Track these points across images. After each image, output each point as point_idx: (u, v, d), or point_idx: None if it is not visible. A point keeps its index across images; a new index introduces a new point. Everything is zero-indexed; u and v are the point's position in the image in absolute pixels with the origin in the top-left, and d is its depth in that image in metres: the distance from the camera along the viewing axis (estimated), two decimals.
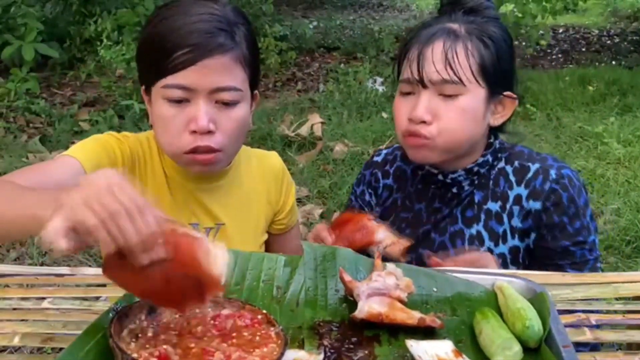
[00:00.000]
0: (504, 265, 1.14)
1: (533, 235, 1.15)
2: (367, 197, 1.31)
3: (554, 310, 0.80)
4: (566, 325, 0.82)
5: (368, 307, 0.81)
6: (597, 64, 5.71)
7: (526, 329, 0.76)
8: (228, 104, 1.05)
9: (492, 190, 1.18)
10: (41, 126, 4.05)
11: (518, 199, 1.16)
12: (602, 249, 2.68)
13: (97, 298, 0.96)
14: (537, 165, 1.16)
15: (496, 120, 1.17)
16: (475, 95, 1.12)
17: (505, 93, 1.16)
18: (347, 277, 0.87)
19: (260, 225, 1.23)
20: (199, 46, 1.01)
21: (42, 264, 2.50)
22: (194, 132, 1.03)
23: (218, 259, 0.70)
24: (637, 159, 3.58)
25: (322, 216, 2.85)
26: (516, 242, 1.16)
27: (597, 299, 0.94)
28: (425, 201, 1.22)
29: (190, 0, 1.07)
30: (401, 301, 0.83)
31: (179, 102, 1.03)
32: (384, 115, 4.31)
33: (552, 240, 1.13)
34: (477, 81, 1.12)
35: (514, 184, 1.16)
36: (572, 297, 0.93)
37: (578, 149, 3.72)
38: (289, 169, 1.33)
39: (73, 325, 0.85)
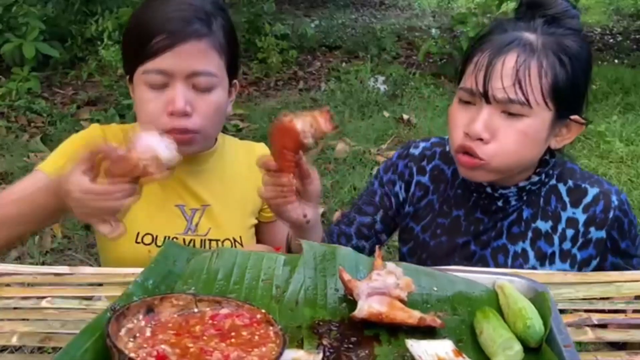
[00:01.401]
0: None
1: (593, 265, 1.12)
2: (396, 188, 1.23)
3: (555, 310, 0.80)
4: (568, 325, 0.82)
5: (368, 306, 0.80)
6: (599, 62, 5.69)
7: (527, 329, 0.76)
8: (204, 89, 1.11)
9: (542, 208, 1.12)
10: (42, 125, 4.05)
11: (573, 222, 1.11)
12: None
13: (96, 297, 0.96)
14: (596, 190, 1.11)
15: (558, 144, 1.09)
16: (540, 118, 1.03)
17: (572, 117, 1.07)
18: (347, 277, 0.86)
19: (246, 208, 1.26)
20: (175, 32, 1.08)
21: (42, 263, 2.50)
22: (172, 114, 1.09)
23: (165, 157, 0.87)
24: (639, 158, 3.57)
25: (323, 215, 2.84)
26: (566, 267, 1.11)
27: (599, 298, 0.93)
28: (465, 209, 1.16)
29: None
30: (401, 300, 0.82)
31: (157, 87, 1.09)
32: (386, 114, 4.30)
33: (624, 261, 1.12)
34: (545, 103, 1.02)
35: (568, 205, 1.12)
36: (573, 296, 0.92)
37: (580, 148, 3.71)
38: None
39: (71, 324, 0.84)
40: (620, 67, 5.51)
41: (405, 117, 4.24)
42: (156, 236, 1.18)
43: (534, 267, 1.11)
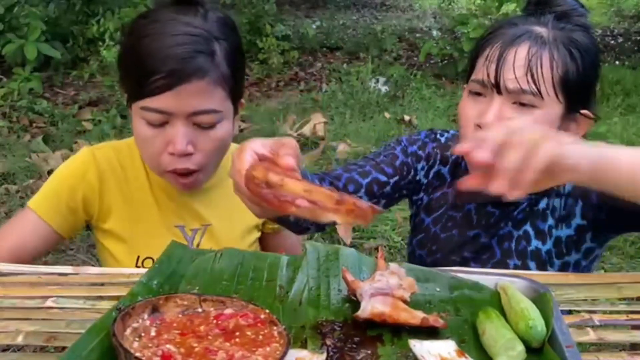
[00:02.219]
0: (549, 265, 1.11)
1: (579, 209, 1.10)
2: (419, 165, 1.20)
3: (558, 310, 0.80)
4: (569, 326, 0.82)
5: (371, 306, 0.81)
6: (601, 63, 5.69)
7: (529, 329, 0.76)
8: (207, 126, 1.05)
9: (557, 192, 1.13)
10: (44, 126, 4.05)
11: (557, 192, 1.12)
12: (606, 249, 2.67)
13: (101, 297, 0.96)
14: None
15: None
16: (550, 110, 1.04)
17: (582, 111, 1.08)
18: (350, 277, 0.87)
19: (249, 223, 1.23)
20: (175, 72, 1.00)
21: (44, 263, 2.50)
22: (173, 154, 1.04)
23: None
24: None
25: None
26: (559, 231, 1.11)
27: (601, 299, 0.94)
28: (477, 202, 1.16)
29: (169, 15, 1.04)
30: (404, 301, 0.83)
31: (157, 124, 1.04)
32: (387, 115, 4.31)
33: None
34: (556, 95, 1.03)
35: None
36: (575, 297, 0.93)
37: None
38: None
39: (76, 324, 0.85)
40: (622, 69, 5.51)
41: (407, 118, 4.24)
42: (156, 259, 1.15)
43: (537, 248, 1.11)
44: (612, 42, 6.91)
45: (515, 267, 1.12)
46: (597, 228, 1.11)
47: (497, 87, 1.03)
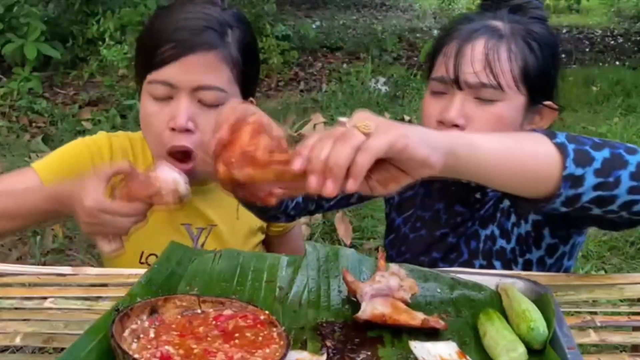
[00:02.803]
0: (514, 263, 1.09)
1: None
2: None
3: (559, 312, 0.80)
4: (571, 327, 0.81)
5: (371, 308, 0.80)
6: (600, 64, 5.70)
7: (531, 331, 0.76)
8: (210, 104, 1.03)
9: None
10: (44, 126, 4.05)
11: None
12: (606, 250, 2.67)
13: (99, 298, 0.96)
14: None
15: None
16: (513, 102, 1.03)
17: (545, 102, 1.07)
18: (350, 278, 0.86)
19: (253, 225, 1.23)
20: (182, 42, 1.01)
21: (44, 264, 2.51)
22: (173, 129, 1.03)
23: (181, 190, 0.89)
24: None
25: (324, 216, 2.85)
26: (520, 228, 1.08)
27: (602, 301, 0.93)
28: (445, 202, 1.16)
29: (188, 3, 1.07)
30: (405, 302, 0.82)
31: (162, 99, 1.03)
32: (387, 115, 4.30)
33: None
34: (517, 87, 1.03)
35: None
36: (576, 298, 0.92)
37: None
38: None
39: (75, 325, 0.84)
40: (622, 69, 5.51)
41: (407, 118, 4.23)
42: None
43: (502, 247, 1.09)
44: (612, 42, 6.92)
45: (481, 267, 1.10)
46: (553, 222, 1.08)
47: (457, 82, 1.03)
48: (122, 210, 0.88)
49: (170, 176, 0.88)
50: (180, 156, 1.05)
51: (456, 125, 1.02)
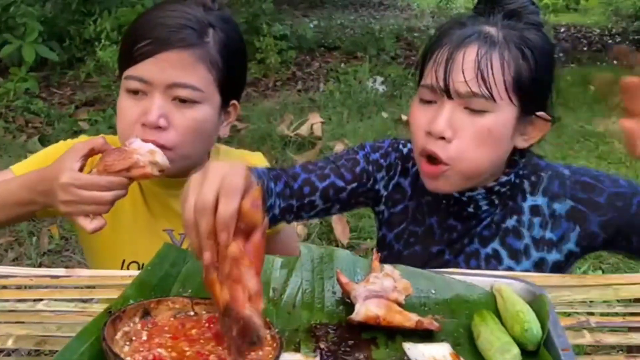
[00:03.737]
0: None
1: (574, 237, 1.06)
2: (379, 175, 1.15)
3: (553, 313, 0.79)
4: (566, 328, 0.81)
5: (365, 309, 0.80)
6: (598, 63, 5.70)
7: (525, 332, 0.75)
8: (185, 102, 1.03)
9: (510, 207, 1.08)
10: (40, 126, 4.04)
11: (536, 210, 1.07)
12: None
13: (92, 300, 0.96)
14: (549, 172, 1.09)
15: (523, 143, 1.04)
16: (504, 113, 0.99)
17: (538, 113, 1.03)
18: (344, 279, 0.86)
19: None
20: (158, 39, 1.02)
21: (40, 265, 2.50)
22: (144, 125, 1.03)
23: (159, 159, 0.92)
24: (639, 159, 3.57)
25: None
26: (543, 253, 1.07)
27: (597, 301, 0.93)
28: (438, 216, 1.12)
29: (175, 3, 1.07)
30: (399, 303, 0.82)
31: (136, 93, 1.04)
32: (384, 115, 4.31)
33: (620, 212, 1.05)
34: (509, 98, 0.99)
35: (528, 195, 1.08)
36: (572, 299, 0.92)
37: (579, 149, 3.72)
38: None
39: (67, 327, 0.84)
40: (619, 68, 5.51)
41: (404, 117, 4.23)
42: (142, 264, 1.13)
43: (510, 268, 1.07)
44: (610, 41, 6.92)
45: None
46: (587, 253, 1.09)
47: (446, 91, 0.99)
48: (99, 182, 0.88)
49: (146, 147, 0.90)
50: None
51: (443, 138, 1.00)
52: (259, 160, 1.26)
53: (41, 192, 0.94)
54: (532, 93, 1.01)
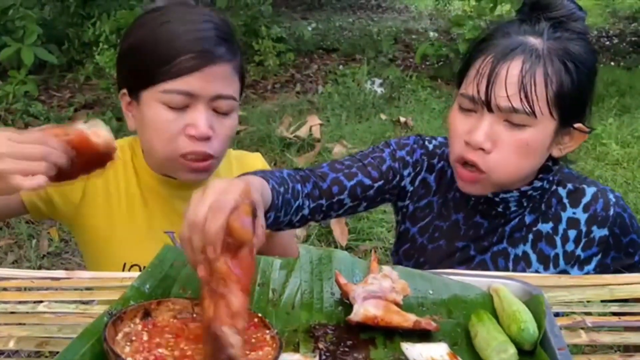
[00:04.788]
0: None
1: (595, 261, 1.11)
2: (405, 172, 1.17)
3: (550, 313, 0.80)
4: (562, 328, 0.82)
5: (364, 310, 0.81)
6: (596, 72, 5.71)
7: (521, 332, 0.76)
8: (224, 112, 1.07)
9: (543, 212, 1.11)
10: None
11: (574, 223, 1.10)
12: None
13: (93, 302, 0.96)
14: (593, 189, 1.11)
15: (559, 152, 1.06)
16: (544, 127, 1.00)
17: (576, 125, 1.04)
18: (343, 280, 0.87)
19: None
20: (205, 52, 1.03)
21: (39, 267, 2.50)
22: (192, 137, 1.04)
23: (101, 133, 0.89)
24: (635, 160, 3.59)
25: None
26: (568, 267, 1.10)
27: (593, 301, 0.94)
28: (464, 212, 1.13)
29: (181, 8, 1.08)
30: (397, 304, 0.83)
31: (178, 107, 1.04)
32: (383, 116, 4.31)
33: (627, 257, 1.12)
34: (550, 113, 0.99)
35: (567, 206, 1.10)
36: (568, 299, 0.93)
37: (576, 150, 3.72)
38: None
39: (68, 329, 0.84)
40: (617, 69, 5.53)
41: (402, 119, 4.25)
42: (144, 267, 1.10)
43: (537, 271, 1.10)
44: (608, 43, 6.94)
45: None
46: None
47: (487, 105, 0.99)
48: (32, 136, 0.81)
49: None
50: (200, 158, 1.08)
51: (482, 149, 1.01)
52: (258, 160, 1.28)
53: None
54: (572, 106, 1.02)
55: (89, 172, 0.91)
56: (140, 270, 1.14)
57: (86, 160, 0.88)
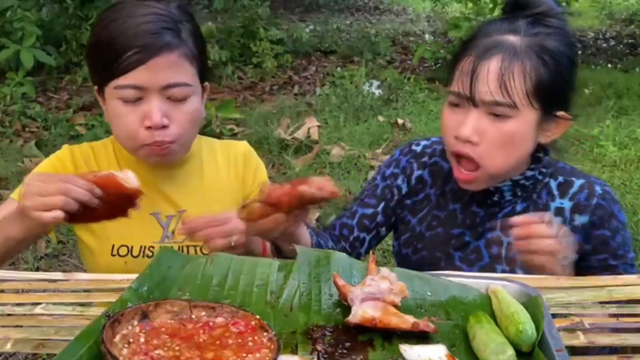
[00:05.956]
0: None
1: (585, 250, 1.13)
2: (398, 181, 1.26)
3: (548, 314, 0.80)
4: (560, 329, 0.82)
5: (362, 311, 0.81)
6: (592, 66, 5.73)
7: (519, 333, 0.76)
8: (179, 99, 1.11)
9: (534, 201, 1.17)
10: (37, 130, 4.04)
11: (560, 211, 1.15)
12: None
13: (90, 303, 0.96)
14: (581, 181, 1.16)
15: (545, 139, 1.13)
16: (526, 117, 1.07)
17: (559, 113, 1.11)
18: (341, 282, 0.87)
19: (227, 210, 1.22)
20: (146, 46, 1.06)
21: (37, 269, 2.50)
22: (149, 127, 1.09)
23: (130, 179, 0.95)
24: (632, 162, 3.59)
25: (318, 220, 2.85)
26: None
27: (591, 302, 0.94)
28: (461, 202, 1.20)
29: (134, 2, 1.12)
30: (395, 305, 0.83)
31: (132, 100, 1.09)
32: (380, 118, 4.32)
33: (593, 253, 1.14)
34: (530, 103, 1.07)
35: (557, 197, 1.16)
36: (566, 300, 0.93)
37: (574, 152, 3.73)
38: (285, 173, 1.34)
39: (66, 331, 0.84)
40: (614, 72, 5.54)
41: (400, 121, 4.25)
42: (131, 247, 1.18)
43: None
44: (604, 45, 6.95)
45: (503, 272, 1.14)
46: None
47: (472, 100, 1.07)
48: (59, 176, 0.92)
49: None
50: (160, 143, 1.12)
51: (470, 142, 1.08)
52: (244, 148, 1.31)
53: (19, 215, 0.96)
54: (553, 96, 1.09)
55: (112, 218, 0.99)
56: (128, 250, 1.18)
57: (111, 202, 0.95)
